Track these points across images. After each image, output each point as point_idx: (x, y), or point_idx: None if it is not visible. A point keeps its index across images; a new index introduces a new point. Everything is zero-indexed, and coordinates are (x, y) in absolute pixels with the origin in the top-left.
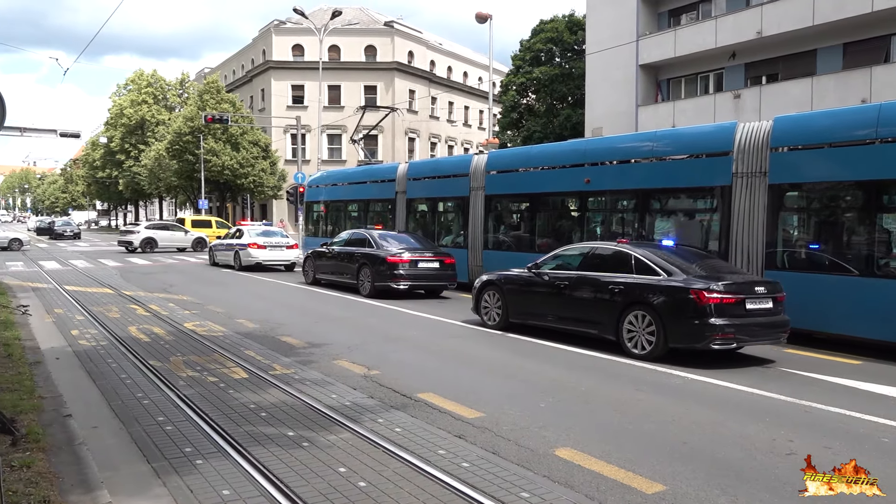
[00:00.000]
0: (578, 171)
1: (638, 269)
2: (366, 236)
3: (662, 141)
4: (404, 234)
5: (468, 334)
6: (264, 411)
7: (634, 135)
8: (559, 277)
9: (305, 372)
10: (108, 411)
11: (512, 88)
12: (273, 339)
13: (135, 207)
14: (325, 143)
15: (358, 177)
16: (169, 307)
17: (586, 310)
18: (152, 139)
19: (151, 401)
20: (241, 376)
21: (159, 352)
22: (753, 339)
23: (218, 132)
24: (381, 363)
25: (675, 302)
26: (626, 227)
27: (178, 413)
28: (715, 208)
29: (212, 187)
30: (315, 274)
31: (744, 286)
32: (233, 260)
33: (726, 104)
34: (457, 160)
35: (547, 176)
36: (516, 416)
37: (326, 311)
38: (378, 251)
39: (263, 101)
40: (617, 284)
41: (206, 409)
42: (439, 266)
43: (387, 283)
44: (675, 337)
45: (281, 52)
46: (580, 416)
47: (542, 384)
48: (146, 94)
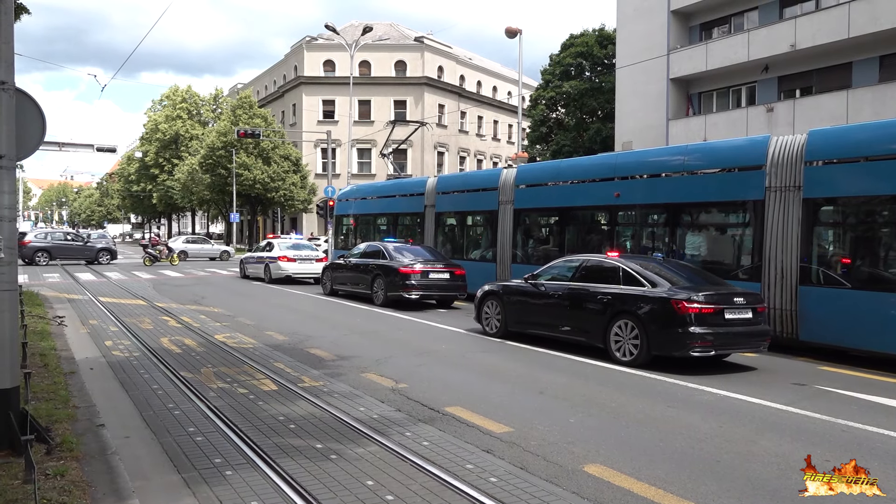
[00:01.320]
0: (608, 185)
1: (625, 281)
2: (380, 248)
3: (694, 154)
4: (418, 246)
5: (494, 348)
6: (293, 423)
7: (665, 148)
8: (554, 288)
9: (334, 384)
10: (140, 421)
11: (541, 103)
12: (302, 351)
13: (168, 220)
14: (355, 158)
15: (387, 190)
16: (200, 319)
17: (577, 319)
18: (186, 153)
19: (182, 411)
20: (270, 388)
21: (190, 363)
22: (732, 347)
23: (250, 147)
24: (409, 376)
25: (658, 311)
26: (657, 241)
27: (208, 424)
28: (747, 223)
29: (243, 201)
30: (332, 285)
31: (724, 297)
32: (263, 273)
33: (759, 118)
34: (486, 174)
35: (576, 190)
36: (545, 431)
37: (354, 323)
38: (391, 262)
39: (295, 115)
40: (605, 295)
41: (236, 421)
42: (449, 277)
43: (399, 292)
44: (657, 344)
45: (312, 68)
46: (609, 432)
47: (573, 399)
48: (180, 110)
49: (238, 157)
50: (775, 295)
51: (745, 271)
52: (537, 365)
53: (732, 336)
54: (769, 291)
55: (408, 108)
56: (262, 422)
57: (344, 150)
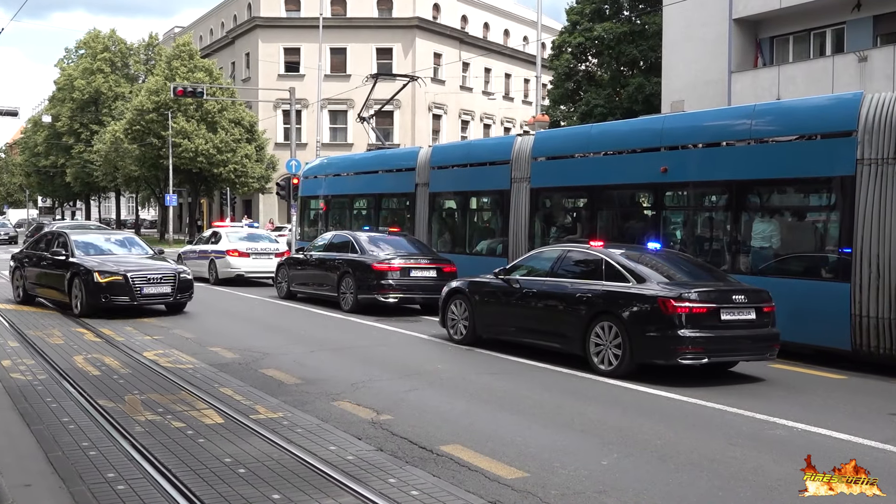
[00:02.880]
0: (653, 158)
1: (608, 276)
2: (349, 239)
3: (763, 117)
4: (397, 237)
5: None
6: (243, 467)
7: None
8: (528, 284)
9: (297, 416)
10: (45, 464)
11: (566, 51)
12: (256, 372)
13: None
14: (327, 122)
15: (368, 165)
16: (125, 331)
17: (553, 321)
18: (108, 118)
19: (100, 452)
20: (214, 421)
21: (112, 389)
22: (731, 353)
23: (190, 109)
24: (394, 405)
25: (642, 312)
26: (715, 229)
27: (133, 468)
28: (832, 205)
29: (182, 178)
30: (289, 286)
31: (721, 294)
32: (207, 271)
33: (848, 69)
34: (495, 143)
35: (611, 164)
36: (568, 475)
37: (322, 335)
38: (363, 257)
39: (248, 68)
40: (584, 293)
41: (170, 464)
42: (436, 275)
43: (372, 295)
44: (640, 351)
45: (271, 6)
46: (655, 479)
47: (605, 434)
48: (102, 61)
49: (175, 123)
50: (868, 298)
51: (828, 268)
52: (588, 396)
53: (731, 340)
54: (860, 294)
55: (394, 59)
56: (204, 465)
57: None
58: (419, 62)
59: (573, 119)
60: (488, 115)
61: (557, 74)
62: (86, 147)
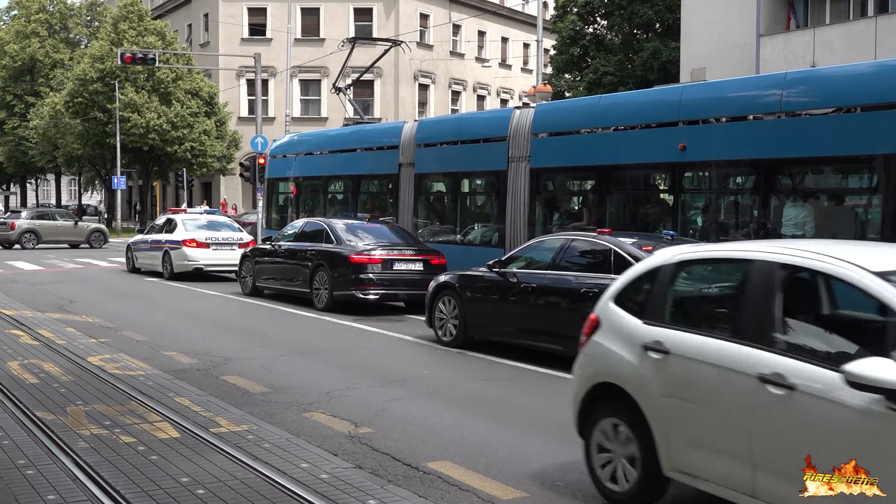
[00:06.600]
0: (669, 133)
1: (618, 268)
2: (323, 227)
3: (797, 87)
4: (378, 224)
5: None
6: (202, 488)
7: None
8: (526, 278)
9: (264, 430)
10: None
11: (572, 11)
12: (217, 380)
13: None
14: (297, 94)
15: (344, 142)
16: (67, 333)
17: (555, 320)
18: (46, 89)
19: (38, 471)
20: (169, 436)
21: (52, 399)
22: None
23: (140, 78)
24: (375, 417)
25: None
26: (741, 214)
27: (76, 489)
28: (874, 188)
29: (132, 158)
30: (255, 280)
31: None
32: (161, 264)
33: (893, 32)
34: (490, 117)
35: (622, 140)
36: (573, 495)
37: (292, 337)
38: (339, 248)
39: (207, 31)
40: (590, 288)
41: (118, 484)
42: (423, 268)
43: (349, 291)
44: None
45: None
46: None
47: None
48: (37, 23)
49: (123, 94)
50: None
51: None
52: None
53: None
54: None
55: (374, 20)
56: (157, 486)
57: (281, 83)
58: (403, 24)
59: (579, 89)
60: (482, 85)
61: (561, 38)
62: (20, 122)
